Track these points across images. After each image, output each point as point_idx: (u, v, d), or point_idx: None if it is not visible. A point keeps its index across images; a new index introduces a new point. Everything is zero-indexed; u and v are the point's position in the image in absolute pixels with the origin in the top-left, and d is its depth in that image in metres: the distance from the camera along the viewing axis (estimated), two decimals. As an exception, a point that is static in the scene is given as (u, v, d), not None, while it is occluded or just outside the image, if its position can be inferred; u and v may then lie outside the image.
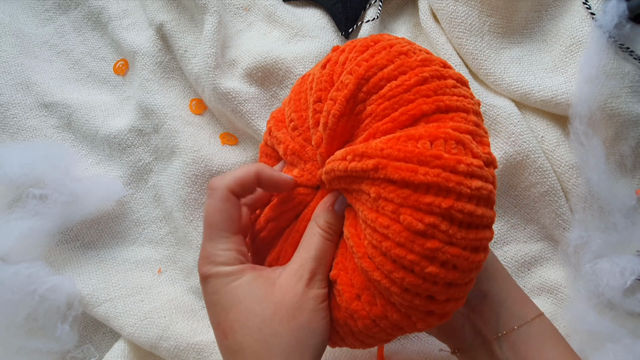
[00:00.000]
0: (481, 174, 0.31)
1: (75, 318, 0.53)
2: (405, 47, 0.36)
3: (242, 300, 0.34)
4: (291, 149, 0.38)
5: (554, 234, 0.58)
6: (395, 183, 0.31)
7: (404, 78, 0.34)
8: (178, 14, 0.62)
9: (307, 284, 0.35)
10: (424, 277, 0.31)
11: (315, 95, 0.36)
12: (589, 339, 0.51)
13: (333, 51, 0.39)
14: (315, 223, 0.37)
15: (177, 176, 0.57)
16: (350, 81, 0.34)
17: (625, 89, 0.55)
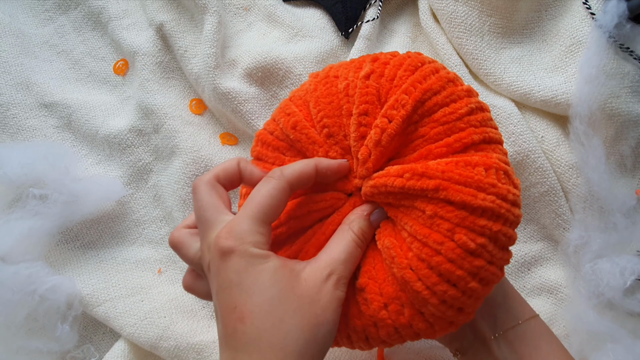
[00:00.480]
0: (520, 203, 0.36)
1: (75, 318, 0.53)
2: (450, 74, 0.39)
3: (267, 287, 0.32)
4: (331, 155, 0.38)
5: (554, 234, 0.58)
6: (453, 204, 0.34)
7: (456, 106, 0.37)
8: (178, 14, 0.62)
9: (335, 285, 0.34)
10: (464, 291, 0.34)
11: (360, 108, 0.37)
12: (589, 339, 0.51)
13: (372, 62, 0.39)
14: (349, 228, 0.37)
15: (177, 176, 0.57)
16: (407, 102, 0.36)
17: (625, 89, 0.55)
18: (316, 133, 0.39)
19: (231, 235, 0.33)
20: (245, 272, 0.33)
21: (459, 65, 0.59)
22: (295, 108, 0.40)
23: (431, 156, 0.36)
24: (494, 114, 0.57)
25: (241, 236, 0.33)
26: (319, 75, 0.41)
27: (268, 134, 0.41)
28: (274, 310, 0.32)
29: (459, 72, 0.59)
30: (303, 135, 0.39)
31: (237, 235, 0.33)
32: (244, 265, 0.33)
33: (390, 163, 0.37)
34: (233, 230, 0.33)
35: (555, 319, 0.56)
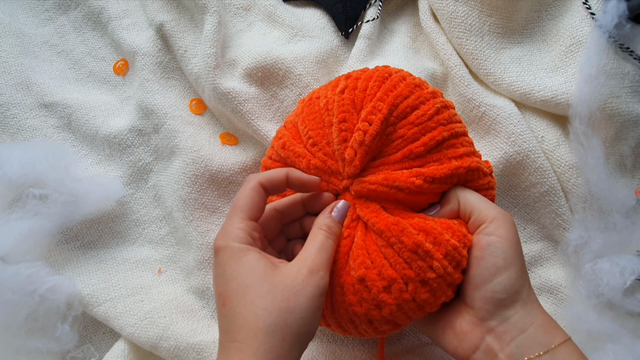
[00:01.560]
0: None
1: (75, 318, 0.53)
2: (416, 80, 0.45)
3: (242, 275, 0.38)
4: (314, 163, 0.44)
5: (554, 234, 0.58)
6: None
7: (425, 108, 0.43)
8: (178, 14, 0.63)
9: (309, 272, 0.38)
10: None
11: (339, 116, 0.43)
12: (589, 339, 0.51)
13: (346, 79, 0.46)
14: (318, 227, 0.42)
15: (177, 176, 0.57)
16: (383, 107, 0.42)
17: (625, 89, 0.55)
18: (302, 147, 0.45)
19: (220, 235, 0.40)
20: (228, 264, 0.38)
21: (459, 65, 0.59)
22: (286, 131, 0.47)
23: (412, 154, 0.43)
24: (494, 114, 0.57)
25: (225, 235, 0.39)
26: (305, 99, 0.48)
27: (268, 159, 0.49)
28: (246, 294, 0.37)
29: (458, 72, 0.59)
30: (290, 152, 0.45)
31: (223, 235, 0.40)
32: (227, 259, 0.38)
33: (373, 163, 0.43)
34: (221, 230, 0.40)
35: (555, 319, 0.55)
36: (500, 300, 0.40)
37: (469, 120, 0.59)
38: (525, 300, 0.40)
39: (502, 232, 0.41)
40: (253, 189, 0.41)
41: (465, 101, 0.58)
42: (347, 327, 0.43)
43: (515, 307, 0.40)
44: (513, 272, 0.40)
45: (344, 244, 0.42)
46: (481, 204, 0.43)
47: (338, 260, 0.42)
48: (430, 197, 0.44)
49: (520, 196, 0.59)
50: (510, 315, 0.40)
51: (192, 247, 0.57)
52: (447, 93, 0.62)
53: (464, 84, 0.58)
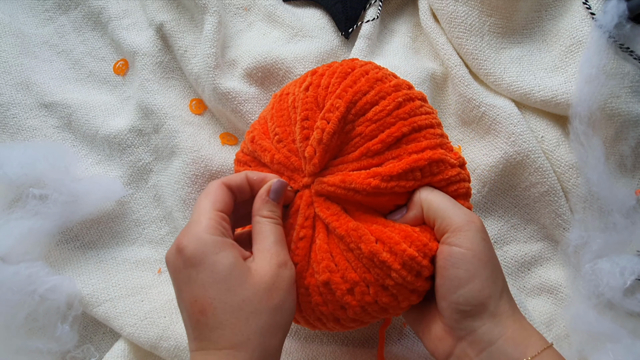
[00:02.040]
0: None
1: (75, 318, 0.53)
2: (379, 73, 0.44)
3: (222, 279, 0.36)
4: (277, 158, 0.44)
5: (554, 234, 0.58)
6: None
7: (384, 103, 0.42)
8: (178, 14, 0.63)
9: (278, 265, 0.38)
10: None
11: (302, 114, 0.42)
12: (589, 339, 0.51)
13: (312, 75, 0.45)
14: (260, 216, 0.41)
15: (177, 176, 0.57)
16: (340, 105, 0.41)
17: (625, 89, 0.55)
18: (268, 142, 0.45)
19: (184, 233, 0.37)
20: (202, 265, 0.36)
21: (459, 65, 0.59)
22: (258, 126, 0.47)
23: (370, 152, 0.42)
24: (494, 114, 0.57)
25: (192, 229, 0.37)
26: (277, 94, 0.48)
27: (241, 153, 0.48)
28: (230, 301, 0.36)
29: (458, 72, 0.59)
30: (257, 146, 0.45)
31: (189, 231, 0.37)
32: (200, 259, 0.36)
33: (334, 161, 0.43)
34: (185, 229, 0.38)
35: (555, 319, 0.56)
36: (465, 311, 0.38)
37: (469, 120, 0.59)
38: (493, 311, 0.38)
39: (465, 242, 0.39)
40: (218, 186, 0.40)
41: (465, 101, 0.58)
42: (315, 324, 0.44)
43: (482, 319, 0.38)
44: (477, 284, 0.38)
45: (302, 245, 0.42)
46: (445, 209, 0.41)
47: (299, 262, 0.41)
48: (394, 198, 0.42)
49: (520, 196, 0.59)
50: (477, 326, 0.38)
51: (192, 247, 0.57)
52: (447, 93, 0.62)
53: (464, 84, 0.58)
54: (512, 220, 0.59)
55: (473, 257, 0.39)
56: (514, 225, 0.59)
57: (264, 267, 0.37)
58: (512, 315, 0.39)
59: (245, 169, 0.47)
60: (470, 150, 0.59)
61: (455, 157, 0.44)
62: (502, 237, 0.59)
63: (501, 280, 0.40)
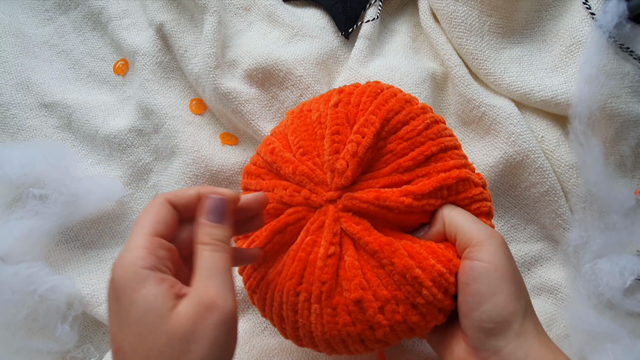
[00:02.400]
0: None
1: (75, 318, 0.53)
2: (407, 96, 0.46)
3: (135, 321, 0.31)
4: (301, 169, 0.43)
5: (554, 234, 0.58)
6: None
7: (415, 123, 0.44)
8: (178, 14, 0.62)
9: (206, 309, 0.31)
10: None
11: (332, 129, 0.43)
12: (588, 338, 0.51)
13: (339, 93, 0.46)
14: (200, 244, 0.35)
15: (177, 176, 0.57)
16: (375, 120, 0.43)
17: (625, 89, 0.55)
18: (291, 155, 0.44)
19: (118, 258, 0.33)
20: (121, 301, 0.31)
21: (459, 65, 0.59)
22: (277, 139, 0.47)
23: (401, 169, 0.43)
24: (494, 114, 0.57)
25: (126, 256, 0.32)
26: (294, 111, 0.48)
27: (252, 166, 0.48)
28: (140, 347, 0.30)
29: (458, 72, 0.59)
30: (278, 157, 0.44)
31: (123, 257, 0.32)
32: (120, 292, 0.31)
33: (363, 176, 0.43)
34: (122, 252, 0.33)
35: (555, 319, 0.56)
36: (489, 329, 0.37)
37: (469, 120, 0.59)
38: (517, 330, 0.37)
39: (487, 257, 0.38)
40: (159, 204, 0.34)
41: (465, 101, 0.58)
42: (338, 347, 0.42)
43: (506, 338, 0.37)
44: (500, 300, 0.37)
45: (331, 263, 0.40)
46: (466, 224, 0.40)
47: (327, 281, 0.40)
48: (421, 217, 0.43)
49: (520, 196, 0.59)
50: (502, 346, 0.37)
51: (192, 247, 0.57)
52: (447, 93, 0.62)
53: (464, 84, 0.58)
54: (512, 220, 0.59)
55: (495, 271, 0.38)
56: (514, 225, 0.59)
57: (186, 311, 0.31)
58: (538, 335, 0.38)
59: (256, 181, 0.45)
60: (470, 150, 0.59)
61: (479, 177, 0.46)
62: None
63: (525, 298, 0.39)
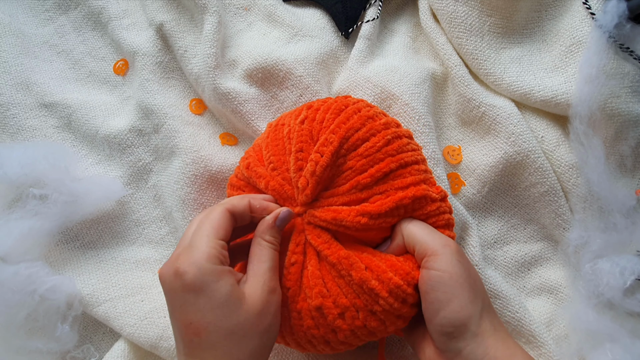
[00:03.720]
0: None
1: (75, 318, 0.53)
2: (370, 112, 0.47)
3: (219, 305, 0.37)
4: (272, 185, 0.46)
5: (554, 234, 0.58)
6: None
7: (375, 140, 0.45)
8: (178, 13, 0.63)
9: (269, 291, 0.40)
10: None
11: (297, 146, 0.45)
12: (587, 338, 0.51)
13: (307, 109, 0.48)
14: (262, 239, 0.42)
15: (177, 176, 0.57)
16: (334, 140, 0.44)
17: (625, 89, 0.55)
18: (264, 169, 0.47)
19: (187, 257, 0.38)
20: (202, 292, 0.37)
21: (459, 65, 0.59)
22: (253, 153, 0.49)
23: (359, 185, 0.44)
24: (494, 114, 0.57)
25: (196, 255, 0.38)
26: (272, 124, 0.50)
27: (234, 177, 0.50)
28: (224, 325, 0.37)
29: (458, 72, 0.59)
30: (253, 172, 0.47)
31: (193, 255, 0.38)
32: (199, 286, 0.37)
33: (325, 192, 0.45)
34: (189, 251, 0.39)
35: (556, 319, 0.56)
36: (449, 333, 0.40)
37: (469, 120, 0.59)
38: (474, 332, 0.40)
39: (442, 265, 0.41)
40: (223, 214, 0.41)
41: (465, 101, 0.58)
42: (306, 346, 0.45)
43: (465, 339, 0.40)
44: (455, 305, 0.40)
45: (293, 271, 0.44)
46: (422, 236, 0.43)
47: (291, 287, 0.44)
48: (381, 232, 0.46)
49: (520, 196, 0.59)
50: (462, 347, 0.40)
51: (192, 247, 0.57)
52: (447, 93, 0.62)
53: (464, 84, 0.58)
54: (512, 220, 0.59)
55: (450, 279, 0.41)
56: (514, 225, 0.59)
57: (256, 293, 0.39)
58: (494, 334, 0.40)
59: (238, 193, 0.49)
60: (470, 150, 0.59)
61: (437, 191, 0.47)
62: (502, 237, 0.59)
63: (481, 300, 0.41)
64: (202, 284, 0.37)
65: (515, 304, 0.54)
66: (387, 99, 0.57)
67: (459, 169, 0.59)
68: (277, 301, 0.41)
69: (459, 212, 0.55)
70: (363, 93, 0.57)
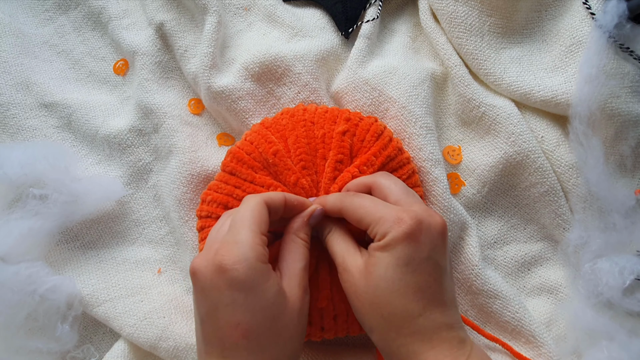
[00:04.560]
0: None
1: (75, 318, 0.53)
2: (400, 143, 0.53)
3: (269, 307, 0.36)
4: (301, 183, 0.48)
5: (554, 234, 0.58)
6: None
7: (402, 171, 0.51)
8: (178, 13, 0.62)
9: (304, 291, 0.40)
10: None
11: (337, 157, 0.48)
12: (585, 336, 0.51)
13: (346, 121, 0.51)
14: (297, 236, 0.42)
15: (174, 176, 0.57)
16: (375, 163, 0.49)
17: (625, 89, 0.55)
18: (292, 163, 0.48)
19: (234, 253, 0.36)
20: (251, 292, 0.36)
21: (459, 65, 0.59)
22: (275, 139, 0.50)
23: None
24: (494, 114, 0.57)
25: (245, 252, 0.36)
26: (295, 115, 0.52)
27: (244, 154, 0.50)
28: (273, 327, 0.37)
29: (458, 72, 0.59)
30: (281, 162, 0.48)
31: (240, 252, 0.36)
32: (249, 285, 0.36)
33: None
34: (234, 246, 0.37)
35: (555, 319, 0.56)
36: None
37: (469, 120, 0.59)
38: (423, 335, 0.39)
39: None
40: (261, 206, 0.39)
41: (465, 101, 0.58)
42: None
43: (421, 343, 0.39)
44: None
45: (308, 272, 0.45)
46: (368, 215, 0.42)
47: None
48: None
49: (520, 196, 0.59)
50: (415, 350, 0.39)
51: (188, 247, 0.57)
52: (447, 93, 0.62)
53: (464, 84, 0.58)
54: (512, 220, 0.59)
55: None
56: (514, 225, 0.59)
57: (295, 293, 0.39)
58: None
59: (248, 171, 0.49)
60: (470, 150, 0.59)
61: None
62: (502, 237, 0.59)
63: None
64: (252, 283, 0.36)
65: (515, 304, 0.54)
66: (385, 102, 0.57)
67: (458, 169, 0.59)
68: (308, 300, 0.41)
69: (459, 212, 0.55)
70: (361, 95, 0.57)
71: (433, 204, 0.54)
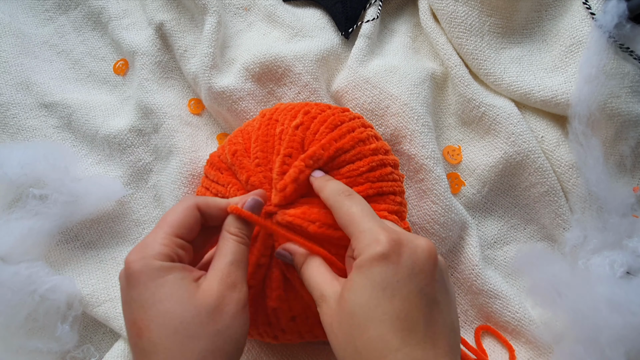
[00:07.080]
0: None
1: (75, 318, 0.53)
2: (363, 134, 0.48)
3: (162, 300, 0.33)
4: (252, 181, 0.46)
5: (554, 234, 0.58)
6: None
7: (360, 164, 0.46)
8: (178, 13, 0.62)
9: (228, 287, 0.35)
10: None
11: (286, 150, 0.46)
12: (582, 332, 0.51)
13: (305, 114, 0.48)
14: (226, 231, 0.38)
15: (174, 176, 0.57)
16: (322, 156, 0.45)
17: (625, 89, 0.55)
18: (249, 161, 0.47)
19: (137, 249, 0.35)
20: (145, 286, 0.34)
21: (459, 65, 0.59)
22: (241, 139, 0.49)
23: None
24: (494, 114, 0.57)
25: (145, 249, 0.35)
26: (266, 114, 0.50)
27: (216, 157, 0.51)
28: (168, 323, 0.33)
29: (458, 72, 0.59)
30: (237, 161, 0.47)
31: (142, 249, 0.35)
32: (143, 280, 0.34)
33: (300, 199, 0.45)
34: (141, 244, 0.35)
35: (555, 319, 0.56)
36: None
37: (469, 120, 0.59)
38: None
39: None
40: (188, 208, 0.37)
41: (465, 101, 0.58)
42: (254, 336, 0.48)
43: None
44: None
45: (260, 272, 0.44)
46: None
47: (254, 286, 0.44)
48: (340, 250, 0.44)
49: (520, 196, 0.59)
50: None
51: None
52: (447, 93, 0.62)
53: (464, 84, 0.58)
54: (512, 220, 0.59)
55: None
56: (514, 225, 0.59)
57: (211, 288, 0.35)
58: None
59: (216, 174, 0.49)
60: (470, 150, 0.59)
61: (405, 226, 0.48)
62: (502, 237, 0.59)
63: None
64: (146, 279, 0.34)
65: (515, 304, 0.54)
66: (386, 99, 0.57)
67: (459, 169, 0.59)
68: (238, 299, 0.35)
69: (459, 212, 0.55)
70: (361, 94, 0.57)
71: (434, 203, 0.54)
